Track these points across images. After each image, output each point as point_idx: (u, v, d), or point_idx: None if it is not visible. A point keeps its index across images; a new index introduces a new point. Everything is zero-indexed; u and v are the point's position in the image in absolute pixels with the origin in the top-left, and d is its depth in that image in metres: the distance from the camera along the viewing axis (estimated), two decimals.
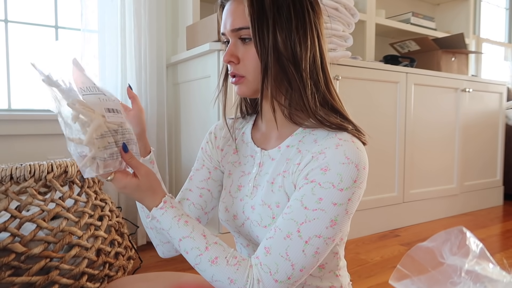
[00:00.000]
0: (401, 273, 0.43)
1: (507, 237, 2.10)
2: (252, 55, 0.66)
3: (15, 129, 1.70)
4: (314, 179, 0.61)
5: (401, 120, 2.21)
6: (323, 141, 0.65)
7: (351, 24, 1.84)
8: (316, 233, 0.60)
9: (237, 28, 0.66)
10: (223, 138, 0.84)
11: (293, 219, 0.61)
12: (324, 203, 0.60)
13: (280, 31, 0.64)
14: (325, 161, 0.62)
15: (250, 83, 0.69)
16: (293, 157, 0.68)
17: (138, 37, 1.84)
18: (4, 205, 1.15)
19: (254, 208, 0.71)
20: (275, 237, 0.62)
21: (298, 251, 0.60)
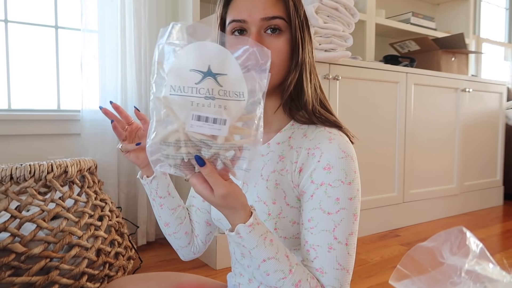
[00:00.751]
0: (401, 273, 0.43)
1: (507, 237, 2.10)
2: (281, 47, 0.65)
3: (15, 129, 1.70)
4: (323, 181, 0.62)
5: (401, 120, 2.21)
6: (313, 134, 0.67)
7: (351, 24, 1.84)
8: (348, 232, 0.62)
9: (271, 16, 0.64)
10: None
11: (325, 229, 0.62)
12: (342, 202, 0.62)
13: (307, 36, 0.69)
14: (325, 159, 0.63)
15: (273, 78, 0.64)
16: (288, 155, 0.69)
17: (138, 37, 1.84)
18: (4, 205, 1.15)
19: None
20: (320, 255, 0.62)
21: (345, 256, 0.62)
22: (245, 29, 0.66)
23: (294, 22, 0.66)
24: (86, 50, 1.77)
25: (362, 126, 2.04)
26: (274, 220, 0.67)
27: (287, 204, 0.67)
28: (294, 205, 0.67)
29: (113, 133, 1.82)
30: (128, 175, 1.90)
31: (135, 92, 1.85)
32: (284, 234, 0.67)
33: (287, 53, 0.66)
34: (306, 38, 0.68)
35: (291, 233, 0.67)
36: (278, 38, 0.65)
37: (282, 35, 0.66)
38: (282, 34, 0.66)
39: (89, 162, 1.41)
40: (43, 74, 1.86)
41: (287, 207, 0.67)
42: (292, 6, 0.66)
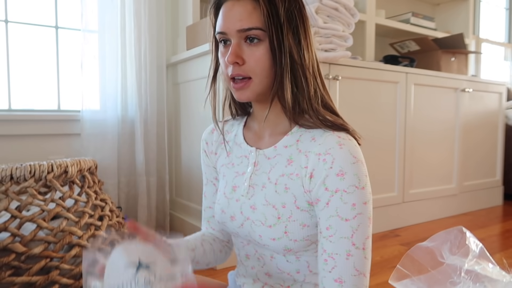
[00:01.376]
0: (401, 273, 0.43)
1: (506, 237, 2.10)
2: (261, 56, 0.66)
3: (15, 129, 1.70)
4: (337, 188, 0.63)
5: (401, 120, 2.21)
6: (322, 139, 0.66)
7: (351, 24, 1.84)
8: (365, 236, 0.64)
9: (247, 28, 0.65)
10: (215, 142, 0.83)
11: (343, 237, 0.63)
12: (358, 207, 0.63)
13: (292, 36, 0.66)
14: (337, 165, 0.63)
15: (256, 86, 0.67)
16: (296, 159, 0.69)
17: (138, 37, 1.84)
18: (4, 205, 1.15)
19: (255, 208, 0.71)
20: (338, 264, 0.63)
21: (362, 261, 0.64)
22: (228, 39, 0.67)
23: (270, 29, 0.65)
24: (86, 50, 1.77)
25: (362, 126, 2.04)
26: (284, 224, 0.67)
27: (297, 208, 0.67)
28: (305, 208, 0.67)
29: (113, 133, 1.83)
30: (128, 175, 1.90)
31: (135, 92, 1.85)
32: (295, 237, 0.67)
33: (268, 60, 0.66)
34: (290, 41, 0.66)
35: (301, 236, 0.67)
36: (257, 47, 0.66)
37: (261, 44, 0.66)
38: (261, 43, 0.66)
39: (89, 162, 1.41)
40: (43, 74, 1.86)
41: (297, 210, 0.67)
42: (267, 15, 0.64)
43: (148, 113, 1.89)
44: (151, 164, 1.92)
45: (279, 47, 0.65)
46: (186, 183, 1.94)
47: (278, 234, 0.68)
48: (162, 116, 1.97)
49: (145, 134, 1.89)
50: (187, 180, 1.92)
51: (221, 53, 0.69)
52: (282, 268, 0.72)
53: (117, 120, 1.85)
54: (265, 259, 0.74)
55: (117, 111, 1.85)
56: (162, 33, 1.95)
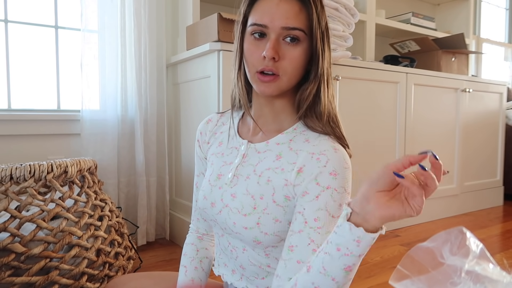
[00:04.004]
0: (401, 274, 0.43)
1: (507, 237, 2.10)
2: (298, 57, 0.67)
3: (15, 129, 1.70)
4: (329, 185, 0.64)
5: (401, 120, 2.21)
6: (316, 141, 0.69)
7: (351, 24, 1.84)
8: None
9: (292, 27, 0.66)
10: (209, 131, 0.85)
11: (330, 231, 0.63)
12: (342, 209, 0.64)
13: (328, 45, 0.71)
14: (331, 165, 0.65)
15: (282, 83, 0.68)
16: (286, 155, 0.70)
17: (138, 37, 1.84)
18: (4, 205, 1.15)
19: (235, 196, 0.73)
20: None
21: None
22: (265, 33, 0.67)
23: (315, 34, 0.67)
24: (86, 50, 1.77)
25: (362, 126, 2.04)
26: (258, 215, 0.69)
27: (273, 201, 0.69)
28: (281, 203, 0.69)
29: (113, 133, 1.83)
30: (128, 175, 1.90)
31: (135, 92, 1.85)
32: (266, 230, 0.69)
33: (301, 62, 0.68)
34: (326, 50, 0.70)
35: (272, 230, 0.69)
36: (295, 47, 0.67)
37: (299, 45, 0.67)
38: (300, 44, 0.67)
39: (89, 162, 1.41)
40: (43, 74, 1.86)
41: (273, 204, 0.69)
42: (315, 19, 0.67)
43: (148, 113, 1.89)
44: (151, 164, 1.92)
45: (316, 51, 0.68)
46: (186, 183, 1.94)
47: (251, 224, 0.69)
48: (162, 116, 1.97)
49: (145, 134, 1.89)
50: (187, 180, 1.92)
51: (253, 45, 0.69)
52: (253, 261, 0.74)
53: (117, 120, 1.85)
54: (238, 252, 0.76)
55: (117, 111, 1.85)
56: (162, 33, 1.95)
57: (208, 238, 0.89)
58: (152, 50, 1.89)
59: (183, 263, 0.83)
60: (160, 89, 1.96)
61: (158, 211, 1.99)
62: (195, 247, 0.85)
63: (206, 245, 0.87)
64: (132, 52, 1.84)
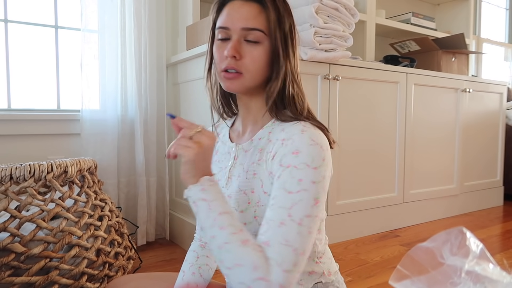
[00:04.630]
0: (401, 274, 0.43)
1: (507, 238, 2.10)
2: (258, 56, 0.71)
3: (15, 129, 1.70)
4: (290, 163, 0.65)
5: (401, 121, 2.21)
6: (289, 128, 0.70)
7: (351, 24, 1.84)
8: (305, 213, 0.63)
9: (250, 27, 0.70)
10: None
11: (282, 206, 0.63)
12: (305, 183, 0.64)
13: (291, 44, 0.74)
14: (295, 145, 0.66)
15: (246, 81, 0.72)
16: (265, 147, 0.74)
17: (138, 37, 1.84)
18: (4, 205, 1.15)
19: (231, 196, 0.76)
20: (270, 229, 0.62)
21: (295, 234, 0.61)
22: (229, 36, 0.72)
23: (273, 35, 0.71)
24: (86, 50, 1.77)
25: (362, 126, 2.04)
26: (253, 208, 0.72)
27: (264, 193, 0.71)
28: (270, 192, 0.70)
29: (113, 133, 1.83)
30: (128, 175, 1.90)
31: (135, 92, 1.85)
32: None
33: (262, 61, 0.72)
34: (289, 50, 0.73)
35: None
36: (255, 47, 0.71)
37: (260, 45, 0.71)
38: (260, 44, 0.71)
39: (89, 162, 1.41)
40: (43, 74, 1.86)
41: (264, 195, 0.71)
42: (274, 20, 0.71)
43: (148, 113, 1.89)
44: (151, 164, 1.92)
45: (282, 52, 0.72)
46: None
47: (249, 219, 0.72)
48: (162, 116, 1.97)
49: (145, 134, 1.89)
50: None
51: (218, 47, 0.74)
52: None
53: (117, 120, 1.85)
54: None
55: (117, 111, 1.85)
56: (162, 33, 1.95)
57: None
58: (152, 50, 1.89)
59: (182, 268, 0.84)
60: (160, 89, 1.96)
61: (158, 211, 1.99)
62: (196, 254, 0.86)
63: (208, 253, 0.86)
64: (132, 52, 1.84)
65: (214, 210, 0.63)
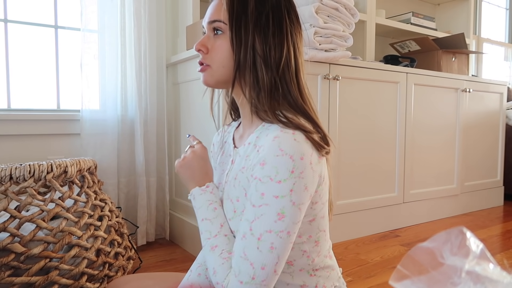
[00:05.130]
0: (401, 274, 0.43)
1: (507, 238, 2.10)
2: (220, 47, 0.71)
3: (15, 129, 1.70)
4: (256, 175, 0.64)
5: (401, 120, 2.21)
6: (267, 133, 0.67)
7: (351, 24, 1.84)
8: (266, 229, 0.61)
9: (212, 20, 0.72)
10: (217, 143, 0.89)
11: (247, 219, 0.64)
12: (267, 198, 0.62)
13: (258, 33, 0.69)
14: (262, 155, 0.64)
15: (214, 73, 0.73)
16: (251, 153, 0.70)
17: (138, 37, 1.84)
18: (4, 205, 1.14)
19: (223, 202, 0.77)
20: (237, 239, 0.65)
21: (253, 249, 0.61)
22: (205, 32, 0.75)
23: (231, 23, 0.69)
24: (86, 50, 1.77)
25: (362, 126, 2.04)
26: (239, 217, 0.70)
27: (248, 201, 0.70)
28: None
29: (112, 133, 1.83)
30: (128, 175, 1.90)
31: (135, 92, 1.84)
32: None
33: (225, 51, 0.71)
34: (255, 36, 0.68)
35: None
36: (218, 38, 0.72)
37: (222, 36, 0.71)
38: (223, 35, 0.71)
39: (88, 162, 1.41)
40: (43, 74, 1.86)
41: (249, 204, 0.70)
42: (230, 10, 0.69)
43: (148, 113, 1.89)
44: (151, 164, 1.91)
45: (239, 40, 0.69)
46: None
47: (235, 227, 0.71)
48: (162, 116, 1.97)
49: (145, 134, 1.89)
50: None
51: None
52: None
53: (117, 120, 1.85)
54: None
55: (117, 111, 1.85)
56: (162, 33, 1.95)
57: None
58: (152, 50, 1.88)
59: (191, 267, 0.83)
60: (160, 89, 1.96)
61: (158, 211, 1.99)
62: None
63: None
64: (132, 52, 1.84)
65: (199, 216, 0.74)
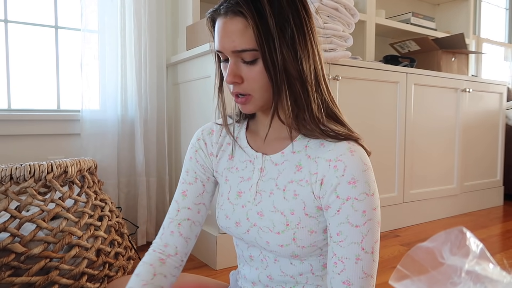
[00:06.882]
0: (401, 274, 0.43)
1: (507, 237, 2.10)
2: (258, 74, 0.65)
3: (15, 129, 1.70)
4: (348, 196, 0.63)
5: (401, 120, 2.21)
6: (332, 145, 0.66)
7: (351, 24, 1.84)
8: (374, 240, 0.65)
9: (240, 50, 0.64)
10: (215, 143, 0.80)
11: (353, 242, 0.64)
12: (369, 213, 0.64)
13: (287, 50, 0.63)
14: (349, 173, 0.63)
15: (257, 101, 0.68)
16: (306, 165, 0.68)
17: (138, 37, 1.84)
18: (4, 205, 1.15)
19: (263, 214, 0.70)
20: (347, 267, 0.64)
21: (370, 263, 0.65)
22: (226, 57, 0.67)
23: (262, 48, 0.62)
24: (86, 50, 1.77)
25: (362, 126, 2.04)
26: (292, 231, 0.67)
27: (306, 215, 0.67)
28: (313, 214, 0.67)
29: (113, 133, 1.83)
30: (128, 175, 1.90)
31: (135, 92, 1.85)
32: (302, 243, 0.68)
33: (265, 78, 0.65)
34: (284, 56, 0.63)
35: (309, 242, 0.68)
36: (252, 67, 0.65)
37: (256, 63, 0.64)
38: (257, 61, 0.64)
39: (89, 162, 1.41)
40: (43, 74, 1.86)
41: (306, 217, 0.67)
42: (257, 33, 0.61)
43: (148, 113, 1.89)
44: (151, 164, 1.92)
45: (273, 65, 0.63)
46: None
47: (286, 241, 0.68)
48: (162, 116, 1.97)
49: (145, 134, 1.89)
50: None
51: (222, 69, 0.70)
52: (285, 271, 0.72)
53: (117, 120, 1.85)
54: (269, 261, 0.74)
55: (117, 111, 1.85)
56: (162, 33, 1.95)
57: (173, 261, 0.75)
58: (152, 50, 1.89)
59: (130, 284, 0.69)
60: (160, 89, 1.96)
61: (158, 211, 1.99)
62: (153, 269, 0.71)
63: (167, 271, 0.73)
64: (132, 52, 1.84)
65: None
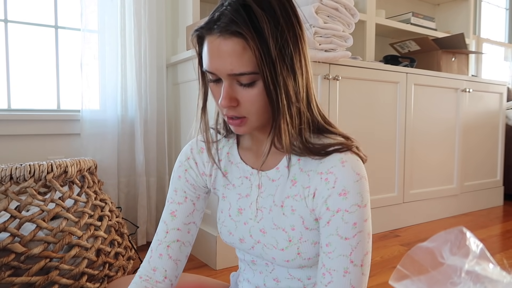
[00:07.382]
0: (401, 274, 0.43)
1: (507, 237, 2.10)
2: (255, 97, 0.61)
3: (15, 129, 1.70)
4: (339, 208, 0.62)
5: (401, 120, 2.21)
6: (325, 158, 0.64)
7: (351, 24, 1.84)
8: (363, 253, 0.63)
9: (239, 73, 0.59)
10: (207, 162, 0.77)
11: (342, 254, 0.62)
12: (359, 225, 0.63)
13: (287, 72, 0.60)
14: (340, 185, 0.62)
15: (252, 123, 0.65)
16: (299, 179, 0.67)
17: (138, 37, 1.84)
18: (4, 205, 1.15)
19: (265, 231, 0.70)
20: (335, 280, 0.63)
21: (359, 277, 0.63)
22: (219, 77, 0.62)
23: (264, 71, 0.58)
24: (86, 50, 1.77)
25: (362, 126, 2.04)
26: (296, 246, 0.67)
27: (306, 228, 0.67)
28: (313, 227, 0.67)
29: (113, 133, 1.83)
30: (128, 175, 1.90)
31: (135, 92, 1.85)
32: (308, 255, 0.68)
33: (262, 100, 0.62)
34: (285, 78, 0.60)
35: (314, 253, 0.68)
36: (250, 90, 0.61)
37: (254, 86, 0.61)
38: (254, 85, 0.61)
39: (89, 162, 1.41)
40: (43, 74, 1.86)
41: (307, 231, 0.67)
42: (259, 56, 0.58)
43: (148, 113, 1.89)
44: (151, 164, 1.92)
45: (274, 88, 0.60)
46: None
47: (292, 256, 0.68)
48: (162, 116, 1.97)
49: (145, 134, 1.89)
50: None
51: (212, 89, 0.65)
52: (293, 274, 0.72)
53: (117, 120, 1.85)
54: (275, 265, 0.73)
55: (117, 111, 1.85)
56: (162, 33, 1.95)
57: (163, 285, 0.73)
58: (152, 50, 1.89)
59: None
60: (160, 89, 1.96)
61: (158, 211, 1.99)
62: None
63: None
64: (132, 52, 1.84)
65: None
